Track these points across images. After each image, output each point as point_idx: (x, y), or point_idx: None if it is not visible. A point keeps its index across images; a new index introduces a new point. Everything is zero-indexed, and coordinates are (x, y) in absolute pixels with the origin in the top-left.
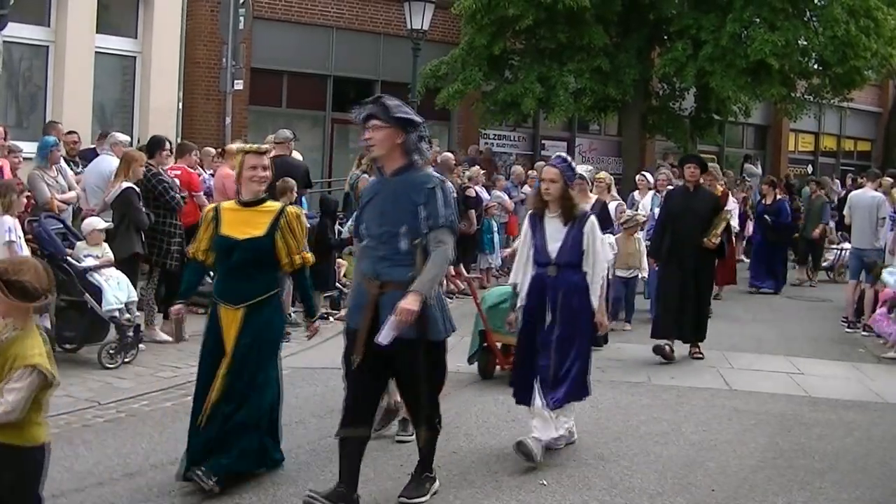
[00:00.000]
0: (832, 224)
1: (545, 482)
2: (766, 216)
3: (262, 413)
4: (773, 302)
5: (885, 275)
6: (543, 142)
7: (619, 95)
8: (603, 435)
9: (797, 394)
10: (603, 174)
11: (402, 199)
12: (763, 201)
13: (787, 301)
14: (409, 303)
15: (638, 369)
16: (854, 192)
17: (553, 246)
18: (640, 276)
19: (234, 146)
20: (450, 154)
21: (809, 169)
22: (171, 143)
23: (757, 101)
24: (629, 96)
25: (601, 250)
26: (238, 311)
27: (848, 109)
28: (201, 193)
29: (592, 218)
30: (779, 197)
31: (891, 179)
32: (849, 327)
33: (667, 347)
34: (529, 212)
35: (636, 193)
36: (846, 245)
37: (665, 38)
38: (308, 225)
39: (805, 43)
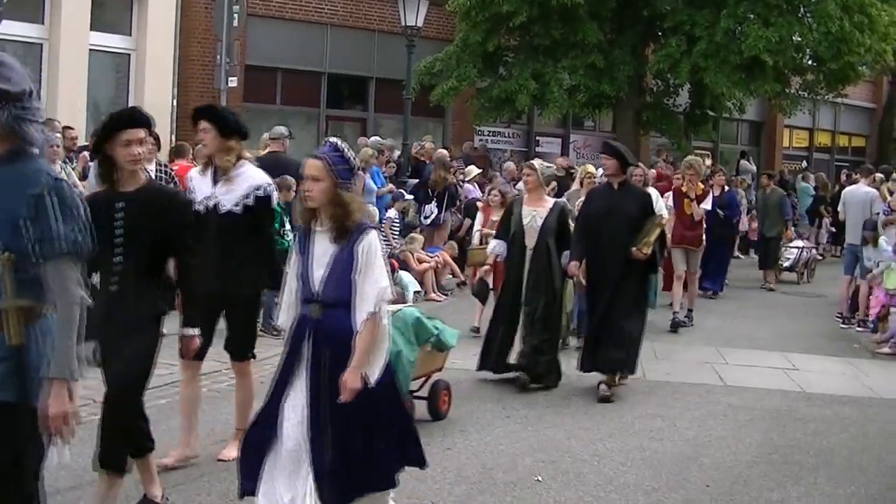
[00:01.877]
0: (822, 221)
1: (540, 478)
2: (718, 210)
3: None
4: (768, 298)
5: (882, 241)
6: (538, 138)
7: (614, 92)
8: (597, 431)
9: (792, 389)
10: (591, 168)
11: None
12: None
13: (781, 297)
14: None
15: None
16: (848, 188)
17: (318, 274)
18: None
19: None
20: (445, 151)
21: (804, 165)
22: (157, 136)
23: (751, 97)
24: (623, 93)
25: (378, 280)
26: None
27: (842, 105)
28: None
29: (371, 235)
30: (727, 189)
31: (881, 175)
32: (843, 323)
33: (601, 386)
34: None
35: None
36: (802, 243)
37: (659, 34)
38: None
39: (799, 39)
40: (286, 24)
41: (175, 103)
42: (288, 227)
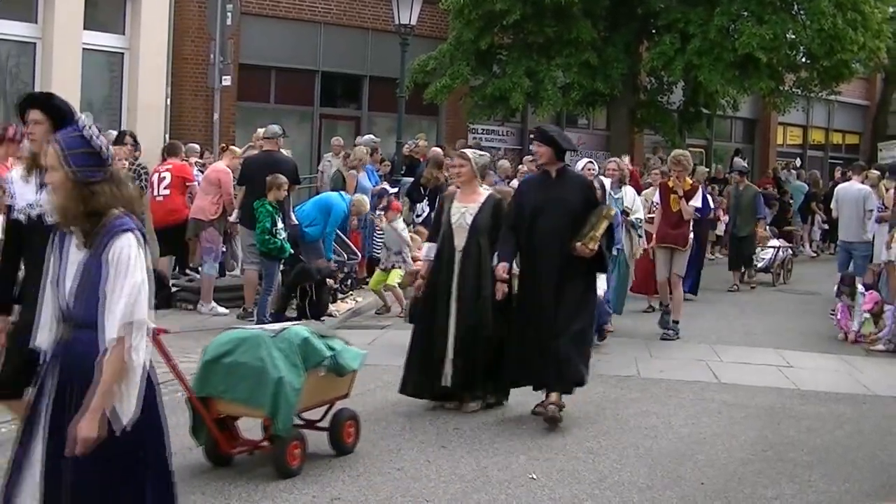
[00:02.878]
0: (814, 218)
1: (535, 476)
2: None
3: None
4: (762, 295)
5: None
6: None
7: (608, 90)
8: (592, 429)
9: (786, 387)
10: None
11: None
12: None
13: (775, 294)
14: None
15: (627, 363)
16: (841, 186)
17: (68, 285)
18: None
19: None
20: (439, 149)
21: (798, 162)
22: (132, 135)
23: (745, 94)
24: (617, 90)
25: (128, 297)
26: None
27: (836, 103)
28: (195, 183)
29: (124, 239)
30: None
31: (877, 172)
32: None
33: (550, 407)
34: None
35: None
36: (778, 243)
37: (653, 31)
38: (295, 221)
39: (793, 36)
40: (280, 23)
41: (169, 102)
42: (281, 225)
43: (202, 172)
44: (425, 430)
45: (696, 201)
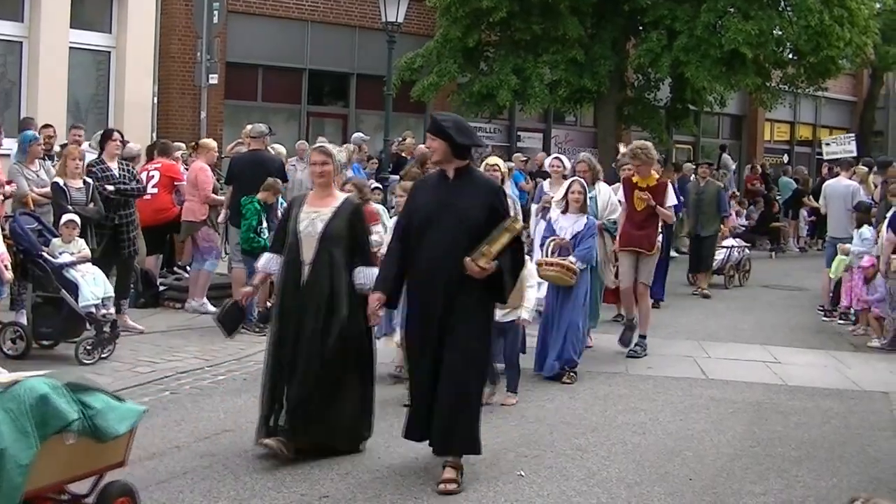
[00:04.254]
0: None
1: (522, 473)
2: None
3: None
4: (749, 291)
5: (866, 230)
6: (519, 133)
7: (595, 86)
8: (580, 426)
9: (774, 382)
10: (494, 160)
11: None
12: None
13: (762, 290)
14: None
15: (615, 360)
16: (829, 182)
17: None
18: (522, 316)
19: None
20: (425, 147)
21: (785, 158)
22: (120, 133)
23: (732, 90)
24: (604, 87)
25: None
26: None
27: (823, 99)
28: (184, 182)
29: None
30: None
31: (865, 168)
32: (825, 316)
33: (445, 475)
34: None
35: (546, 184)
36: (733, 242)
37: (640, 28)
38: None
39: (779, 32)
40: (267, 21)
41: (156, 101)
42: (265, 225)
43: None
44: None
45: (671, 199)
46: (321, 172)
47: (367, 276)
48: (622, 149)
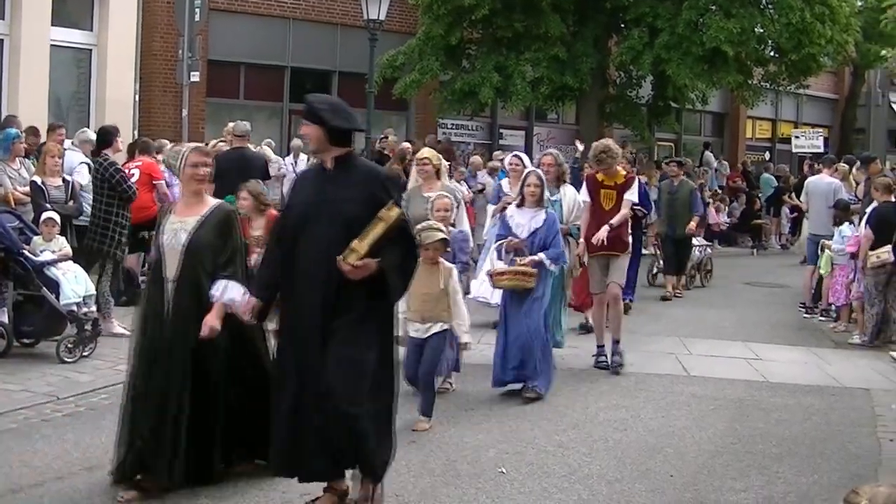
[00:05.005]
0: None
1: (504, 470)
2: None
3: None
4: (731, 288)
5: (846, 227)
6: (501, 131)
7: (577, 84)
8: (562, 422)
9: (755, 379)
10: (427, 152)
11: None
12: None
13: (744, 287)
14: None
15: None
16: (811, 179)
17: None
18: (462, 340)
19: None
20: (407, 144)
21: (767, 156)
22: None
23: (714, 88)
24: (586, 85)
25: None
26: None
27: (804, 96)
28: (163, 182)
29: None
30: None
31: (847, 166)
32: (806, 313)
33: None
34: None
35: (504, 183)
36: (695, 241)
37: (622, 26)
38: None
39: (761, 30)
40: (248, 19)
41: (137, 99)
42: None
43: (170, 170)
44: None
45: (633, 194)
46: (200, 176)
47: (225, 289)
48: (579, 146)
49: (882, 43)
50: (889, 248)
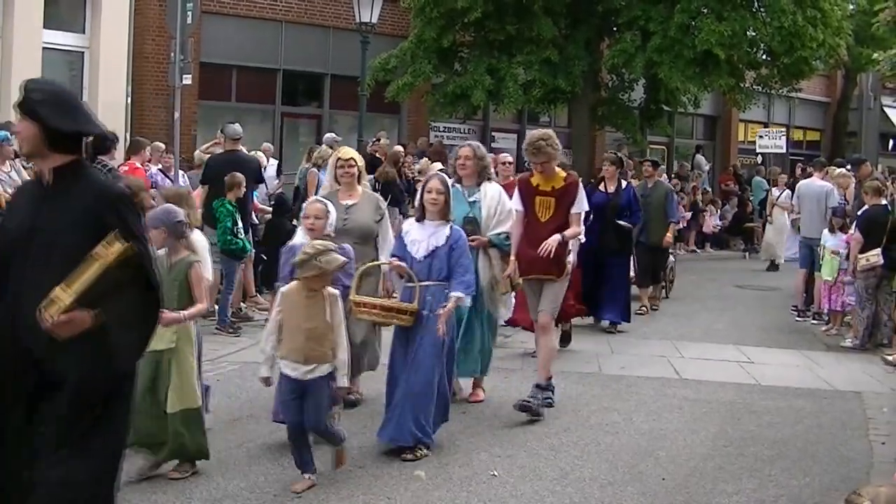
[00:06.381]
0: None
1: (496, 473)
2: (614, 215)
3: None
4: (723, 291)
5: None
6: (493, 134)
7: (569, 87)
8: (554, 425)
9: (747, 382)
10: (349, 153)
11: None
12: (605, 189)
13: (736, 290)
14: None
15: (588, 359)
16: (802, 182)
17: None
18: (338, 384)
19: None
20: (399, 147)
21: (759, 159)
22: (117, 138)
23: (706, 91)
24: (578, 88)
25: None
26: None
27: (796, 100)
28: (147, 191)
29: None
30: (624, 184)
31: (843, 169)
32: (798, 316)
33: None
34: None
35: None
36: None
37: (614, 29)
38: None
39: (753, 33)
40: (241, 21)
41: (130, 101)
42: (240, 225)
43: (163, 173)
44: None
45: (580, 204)
46: None
47: None
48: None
49: (874, 46)
50: (878, 251)
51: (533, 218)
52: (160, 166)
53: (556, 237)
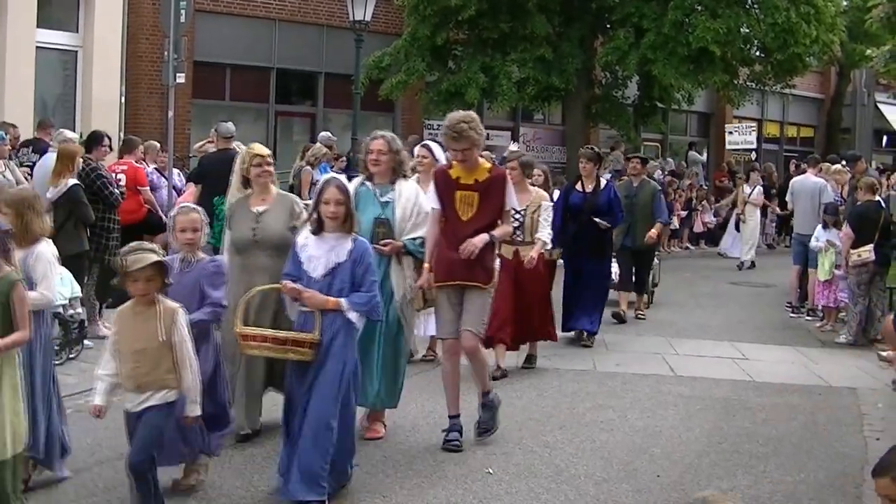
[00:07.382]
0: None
1: (491, 471)
2: (592, 216)
3: None
4: (717, 288)
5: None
6: (488, 132)
7: (563, 84)
8: (549, 423)
9: (742, 379)
10: (265, 149)
11: None
12: (582, 188)
13: (730, 287)
14: None
15: (583, 357)
16: (796, 178)
17: None
18: (187, 414)
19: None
20: None
21: (753, 156)
22: (109, 137)
23: (700, 88)
24: (572, 85)
25: None
26: None
27: (790, 96)
28: (147, 188)
29: None
30: (603, 183)
31: (839, 165)
32: (793, 312)
33: None
34: None
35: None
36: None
37: (607, 26)
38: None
39: (747, 30)
40: (234, 20)
41: (123, 100)
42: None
43: (158, 172)
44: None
45: (511, 200)
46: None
47: None
48: (512, 147)
49: (867, 42)
50: (870, 246)
51: (453, 216)
52: (156, 165)
53: (483, 236)
